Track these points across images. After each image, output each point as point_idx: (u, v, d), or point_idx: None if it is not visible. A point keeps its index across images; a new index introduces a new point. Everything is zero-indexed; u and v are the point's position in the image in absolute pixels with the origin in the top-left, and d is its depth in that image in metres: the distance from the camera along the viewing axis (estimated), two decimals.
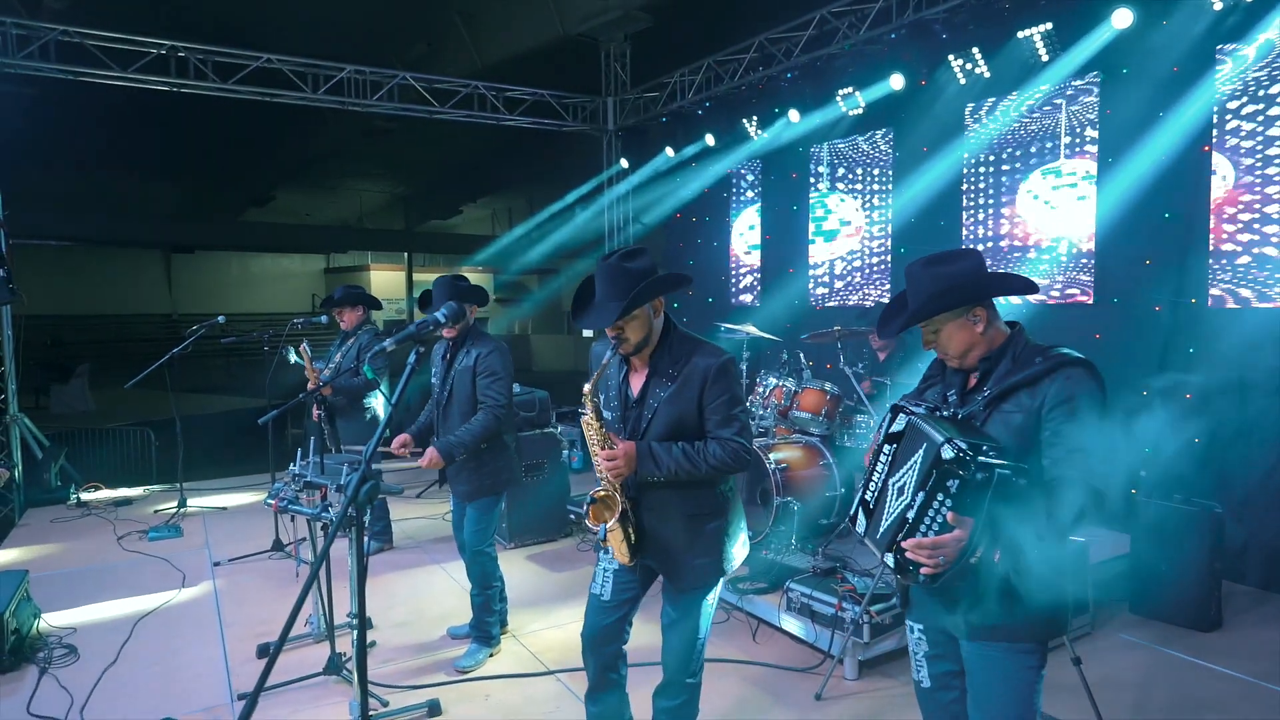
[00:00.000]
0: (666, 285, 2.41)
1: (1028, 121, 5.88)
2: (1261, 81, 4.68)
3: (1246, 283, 4.78)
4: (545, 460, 5.67)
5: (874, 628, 3.53)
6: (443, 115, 8.84)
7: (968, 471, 1.73)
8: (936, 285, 1.98)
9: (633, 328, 2.39)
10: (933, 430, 1.83)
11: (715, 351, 2.44)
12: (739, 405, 2.44)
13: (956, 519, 1.75)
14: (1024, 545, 1.77)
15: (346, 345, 5.30)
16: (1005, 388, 1.93)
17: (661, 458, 2.37)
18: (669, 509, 2.46)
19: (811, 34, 7.00)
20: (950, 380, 2.10)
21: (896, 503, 1.90)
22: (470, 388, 3.75)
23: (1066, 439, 1.84)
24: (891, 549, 1.87)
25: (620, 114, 9.67)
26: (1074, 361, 1.89)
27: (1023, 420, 1.90)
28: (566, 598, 4.76)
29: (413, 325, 1.82)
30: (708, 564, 2.48)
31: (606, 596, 2.57)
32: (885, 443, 2.00)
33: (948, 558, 1.77)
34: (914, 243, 6.76)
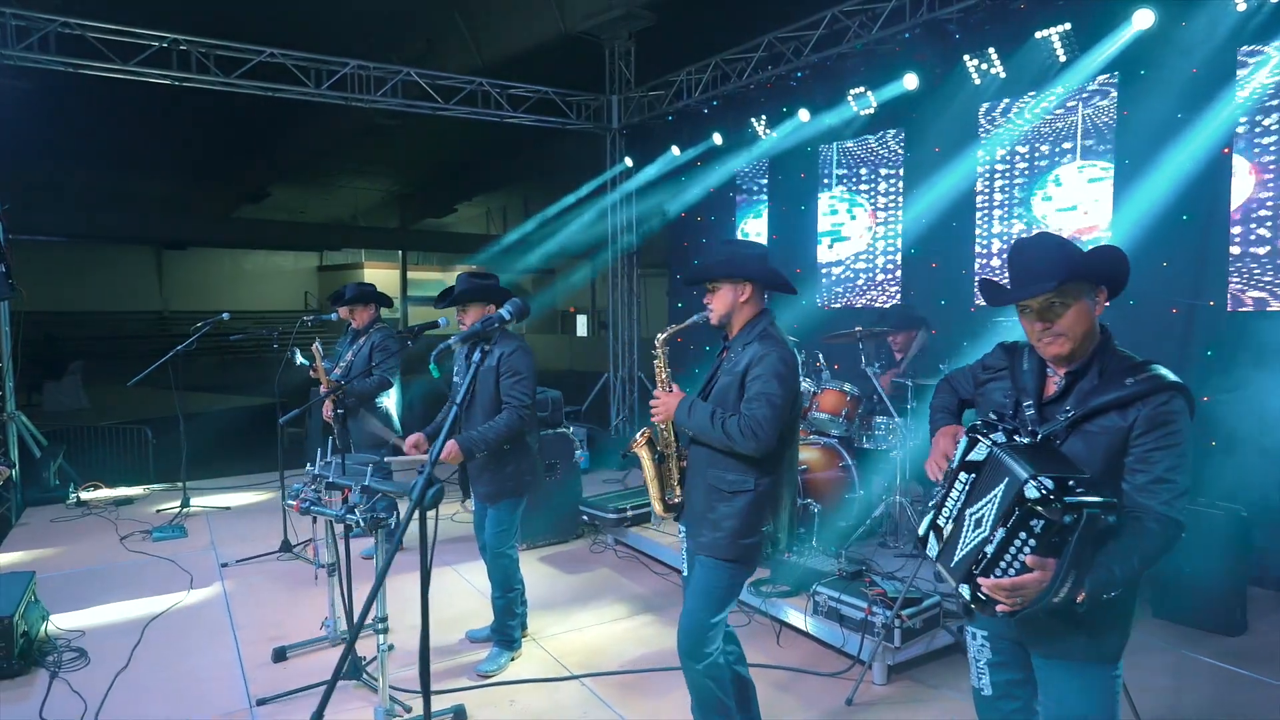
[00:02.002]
0: (741, 268, 2.60)
1: (1044, 123, 5.85)
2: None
3: (1264, 285, 4.77)
4: (559, 461, 5.61)
5: (905, 632, 3.49)
6: (446, 112, 8.75)
7: (1053, 512, 1.64)
8: (1079, 255, 1.87)
9: (717, 298, 2.65)
10: (1016, 465, 1.71)
11: (776, 344, 2.58)
12: (770, 390, 2.50)
13: (1038, 561, 1.67)
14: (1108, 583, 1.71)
15: (359, 344, 5.22)
16: (1093, 409, 1.81)
17: (695, 412, 2.58)
18: (699, 472, 2.66)
19: (822, 33, 6.95)
20: (1024, 384, 1.97)
21: (974, 535, 1.80)
22: (494, 388, 3.70)
23: (1154, 467, 1.76)
24: (968, 581, 1.80)
25: (625, 112, 9.60)
26: (1170, 386, 1.78)
27: (1108, 442, 1.80)
28: (584, 600, 4.71)
29: (479, 324, 1.78)
30: (711, 538, 2.60)
31: (687, 572, 2.86)
32: (962, 469, 1.88)
33: (1026, 599, 1.70)
34: (925, 244, 6.72)
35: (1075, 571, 1.68)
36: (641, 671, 3.77)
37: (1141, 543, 1.73)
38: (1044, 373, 1.97)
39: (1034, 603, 1.71)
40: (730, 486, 2.58)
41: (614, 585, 4.99)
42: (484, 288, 3.77)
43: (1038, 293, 1.83)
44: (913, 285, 6.93)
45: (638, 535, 5.45)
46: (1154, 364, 1.83)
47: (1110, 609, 1.81)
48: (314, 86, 7.88)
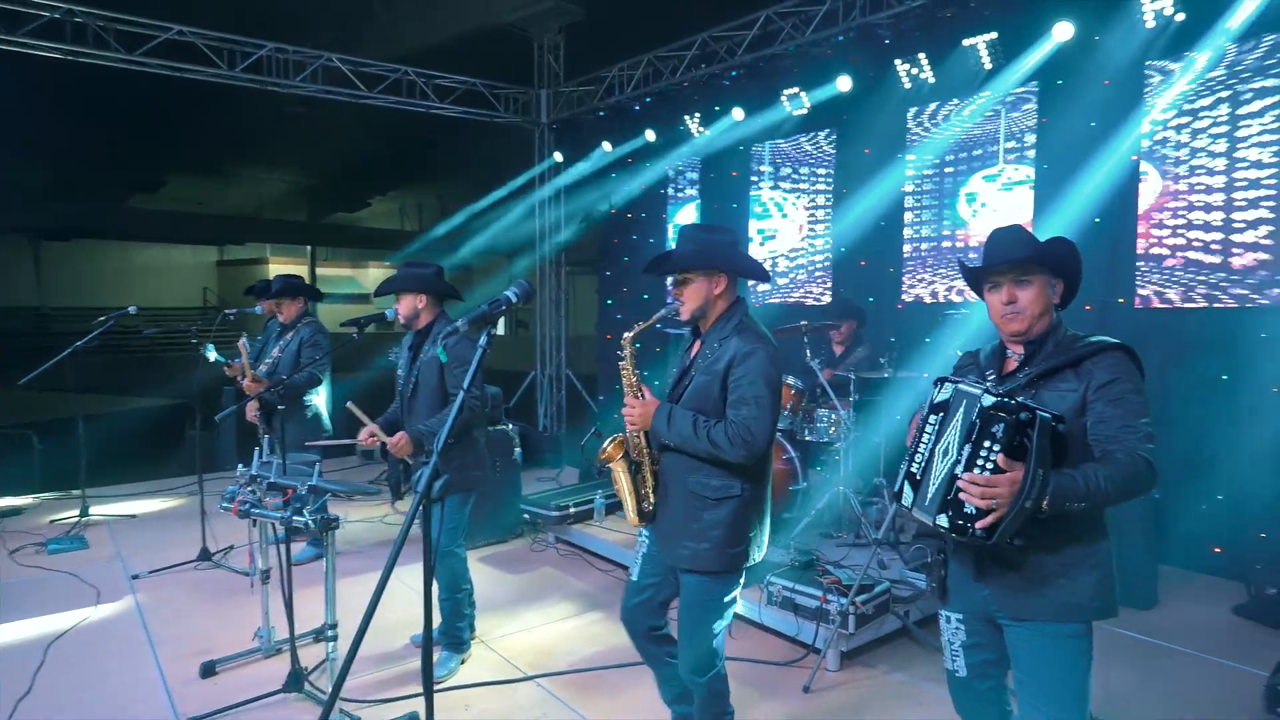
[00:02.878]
0: (720, 259, 2.45)
1: (970, 127, 6.11)
2: (1188, 96, 5.01)
3: (1172, 284, 5.12)
4: (499, 459, 5.47)
5: (859, 618, 3.56)
6: (370, 100, 8.43)
7: (1011, 414, 1.75)
8: (1043, 243, 2.03)
9: (689, 291, 2.48)
10: (972, 387, 1.89)
11: (756, 339, 2.43)
12: (758, 393, 2.36)
13: (1007, 462, 1.75)
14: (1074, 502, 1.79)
15: (286, 339, 4.95)
16: (1049, 367, 1.96)
17: (674, 421, 2.41)
18: (677, 480, 2.50)
19: (756, 34, 7.05)
20: (987, 364, 2.13)
21: (943, 464, 1.90)
22: (437, 379, 3.57)
23: (1115, 418, 1.87)
24: (944, 507, 1.85)
25: (555, 107, 9.49)
26: (1116, 346, 1.94)
27: (1071, 401, 1.92)
28: (530, 600, 4.60)
29: (485, 305, 1.68)
30: (694, 550, 2.43)
31: (634, 577, 2.66)
32: (931, 413, 2.00)
33: (1002, 499, 1.75)
34: (855, 243, 6.90)
35: (1043, 473, 1.75)
36: (596, 670, 3.71)
37: (1108, 466, 1.82)
38: (1004, 354, 2.13)
39: (1010, 508, 1.75)
40: (715, 493, 2.42)
41: (558, 583, 4.90)
42: (414, 276, 3.62)
43: (1014, 255, 1.99)
44: (842, 283, 7.11)
45: (580, 532, 5.38)
46: (1101, 335, 1.99)
47: (1074, 562, 1.90)
48: (227, 69, 7.44)
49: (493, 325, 1.68)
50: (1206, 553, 4.92)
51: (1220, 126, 4.89)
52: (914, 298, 6.56)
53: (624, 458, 2.52)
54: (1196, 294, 5.00)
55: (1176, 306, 5.09)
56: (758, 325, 2.50)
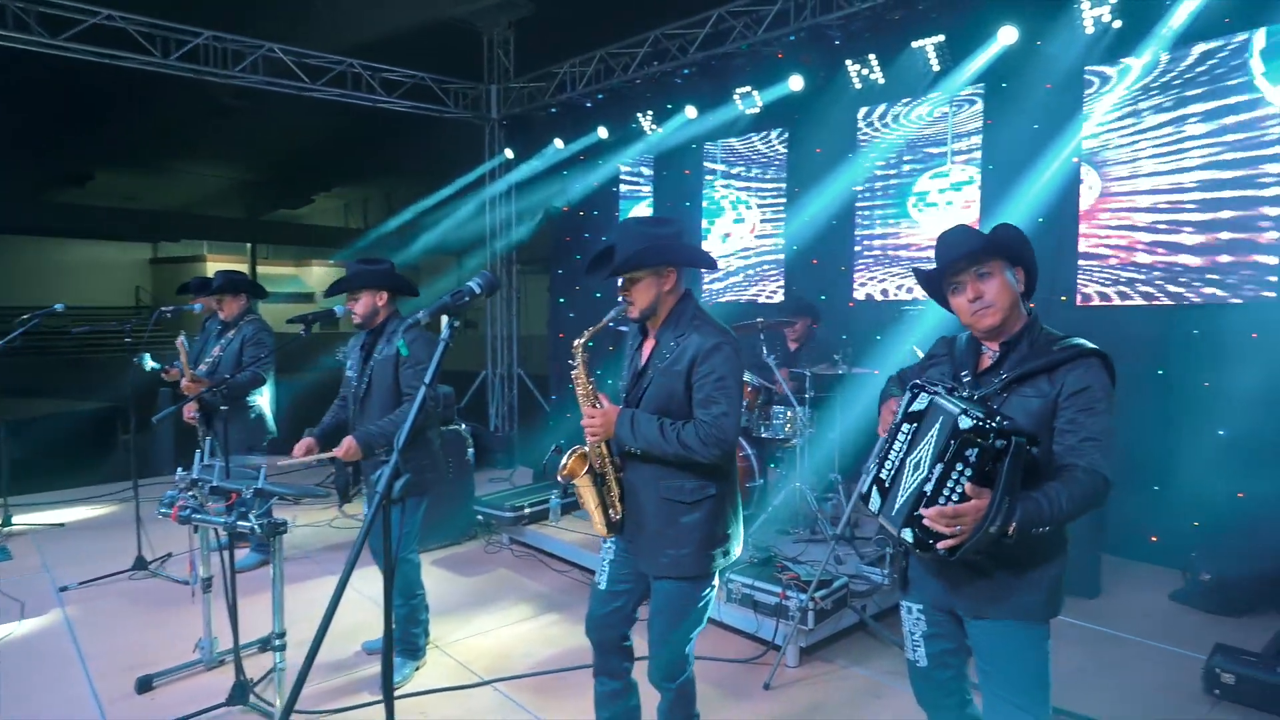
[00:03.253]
0: (670, 253, 2.34)
1: (919, 128, 6.22)
2: (1126, 101, 5.18)
3: (1112, 283, 5.29)
4: (451, 460, 5.36)
5: (817, 614, 3.57)
6: (313, 93, 8.19)
7: (986, 440, 1.74)
8: (991, 231, 2.02)
9: (638, 290, 2.37)
10: (950, 403, 1.84)
11: (716, 332, 2.35)
12: (726, 389, 2.30)
13: (975, 490, 1.74)
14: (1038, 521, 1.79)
15: (227, 338, 4.76)
16: (1024, 372, 1.94)
17: (640, 427, 2.32)
18: (648, 487, 2.41)
19: (708, 32, 7.07)
20: (961, 360, 2.10)
21: (913, 477, 1.88)
22: (392, 379, 3.46)
23: (1081, 428, 1.88)
24: (910, 523, 1.85)
25: (505, 103, 9.36)
26: (1092, 352, 1.93)
27: (1039, 406, 1.92)
28: (485, 603, 4.51)
29: (447, 296, 1.60)
30: (675, 556, 2.35)
31: (603, 585, 2.54)
32: (905, 421, 1.97)
33: (966, 527, 1.75)
34: (807, 241, 6.96)
35: (1009, 500, 1.75)
36: (555, 672, 3.65)
37: (1069, 486, 1.83)
38: (979, 350, 2.10)
39: (973, 534, 1.76)
40: (691, 496, 2.34)
41: (514, 585, 4.82)
42: (374, 273, 3.51)
43: (969, 249, 1.98)
44: (794, 281, 7.18)
45: (535, 533, 5.31)
46: (1077, 337, 1.99)
47: (1033, 560, 1.92)
48: (160, 57, 7.13)
49: (456, 318, 1.60)
50: (1144, 542, 5.10)
51: (1157, 131, 5.07)
52: (865, 296, 6.65)
53: (587, 471, 2.42)
54: (1135, 292, 5.18)
55: (1116, 305, 5.26)
56: (712, 318, 2.42)
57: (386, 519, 1.40)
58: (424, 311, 1.57)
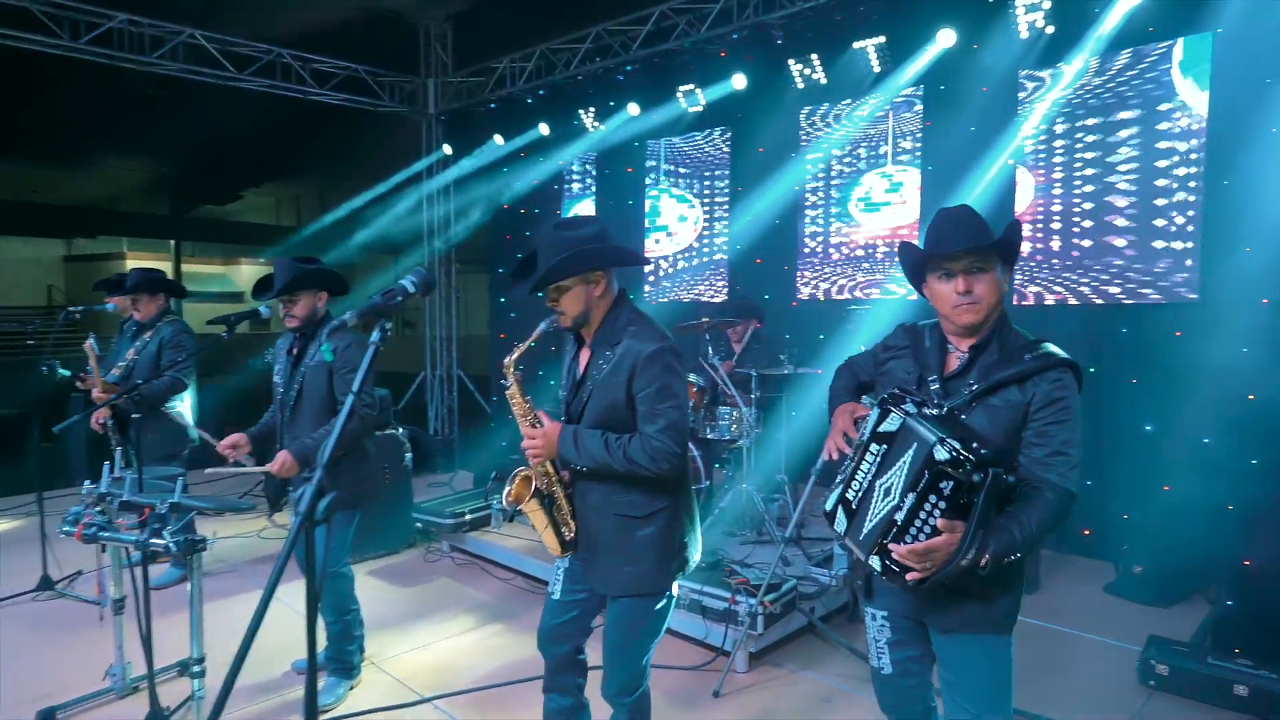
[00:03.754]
0: (596, 257, 2.20)
1: (860, 129, 6.26)
2: (1059, 104, 5.29)
3: (1047, 283, 5.40)
4: (389, 465, 5.16)
5: (767, 618, 3.53)
6: (239, 83, 7.82)
7: (961, 472, 1.67)
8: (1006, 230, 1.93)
9: (567, 300, 2.23)
10: (925, 430, 1.74)
11: (652, 336, 2.22)
12: (670, 399, 2.17)
13: (948, 524, 1.68)
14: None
15: (144, 340, 4.47)
16: (995, 382, 1.87)
17: (584, 444, 2.19)
18: (600, 504, 2.29)
19: (650, 29, 6.99)
20: (927, 361, 2.01)
21: (883, 504, 1.81)
22: (325, 385, 3.28)
23: (1051, 440, 1.83)
24: (878, 552, 1.79)
25: (442, 97, 9.12)
26: (1065, 363, 1.87)
27: (1009, 416, 1.86)
28: (425, 614, 4.34)
29: (377, 296, 1.46)
30: (633, 574, 2.24)
31: (556, 594, 2.42)
32: (874, 441, 1.88)
33: (936, 563, 1.71)
34: (751, 241, 6.96)
35: (982, 533, 1.71)
36: (500, 686, 3.52)
37: (1039, 509, 1.78)
38: (945, 349, 2.02)
39: (943, 567, 1.72)
40: (645, 509, 2.23)
41: (456, 595, 4.66)
42: (317, 273, 3.33)
43: (979, 242, 1.86)
44: (738, 280, 7.17)
45: (477, 540, 5.15)
46: (1047, 342, 1.93)
47: (1000, 580, 1.87)
48: (69, 39, 6.69)
49: (387, 320, 1.46)
50: (1077, 535, 5.23)
51: (1088, 135, 5.20)
52: (809, 295, 6.67)
53: (534, 495, 2.29)
54: (1069, 292, 5.30)
55: (1051, 304, 5.38)
56: (648, 320, 2.29)
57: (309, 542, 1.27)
58: (352, 313, 1.43)
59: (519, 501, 2.27)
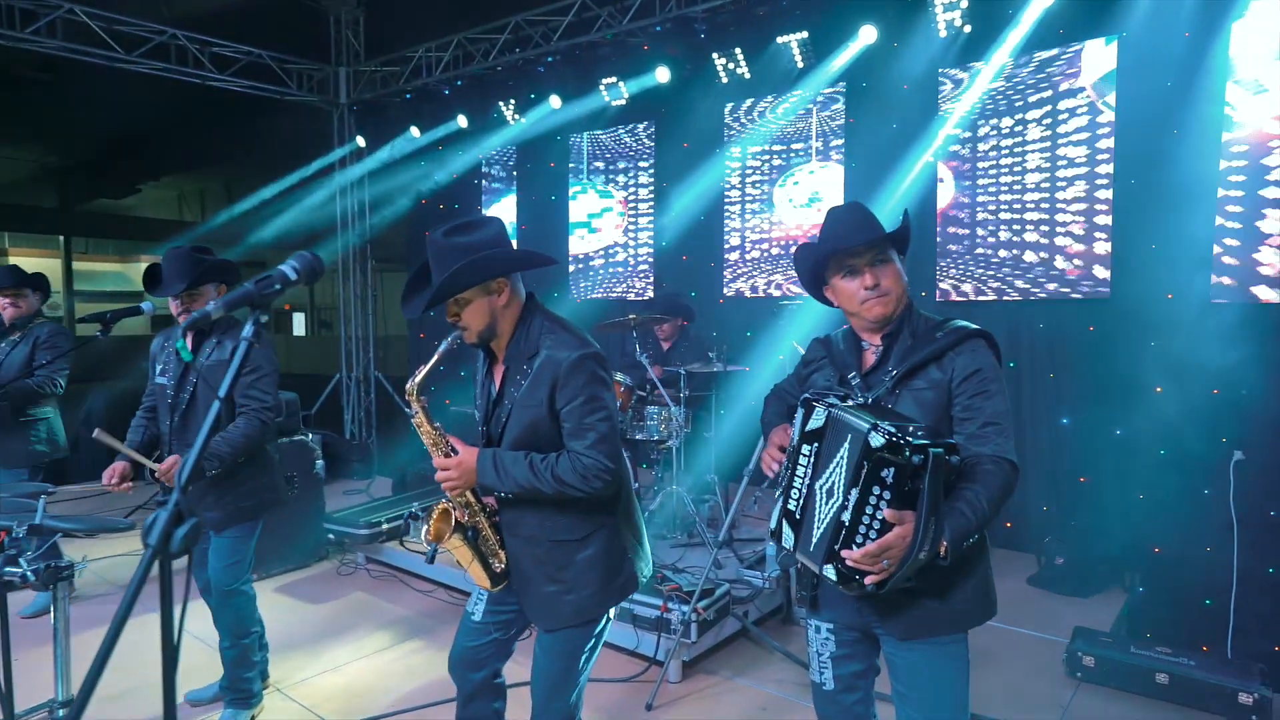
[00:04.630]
0: (494, 264, 1.99)
1: (784, 125, 6.24)
2: (977, 103, 5.37)
3: (967, 278, 5.48)
4: (297, 473, 4.82)
5: (700, 625, 3.41)
6: (127, 65, 7.26)
7: (901, 457, 1.58)
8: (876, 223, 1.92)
9: (470, 314, 2.02)
10: (856, 419, 1.66)
11: (572, 343, 2.02)
12: (598, 411, 1.99)
13: (896, 515, 1.59)
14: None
15: (11, 340, 4.04)
16: (913, 365, 1.84)
17: (507, 469, 1.99)
18: (532, 531, 2.09)
19: (571, 20, 6.82)
20: (844, 361, 1.97)
21: (827, 507, 1.71)
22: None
23: (979, 413, 1.80)
24: (831, 559, 1.68)
25: (355, 87, 8.71)
26: (976, 333, 1.86)
27: (934, 396, 1.83)
28: (337, 633, 4.06)
29: (250, 283, 1.24)
30: (574, 602, 2.05)
31: (478, 615, 2.22)
32: (804, 442, 1.80)
33: (893, 560, 1.61)
34: (677, 237, 6.87)
35: (935, 520, 1.62)
36: (417, 709, 3.29)
37: (985, 484, 1.72)
38: (859, 347, 1.99)
39: (901, 563, 1.62)
40: (581, 530, 2.05)
41: (371, 610, 4.38)
42: (220, 265, 3.05)
43: (876, 234, 1.86)
44: (665, 277, 7.06)
45: (395, 551, 4.87)
46: (955, 319, 1.91)
47: (959, 568, 1.78)
48: None
49: (264, 311, 1.24)
50: (999, 528, 5.32)
51: (1004, 134, 5.29)
52: (735, 292, 6.62)
53: (455, 530, 2.07)
54: (988, 287, 5.39)
55: (971, 299, 5.46)
56: (565, 324, 2.10)
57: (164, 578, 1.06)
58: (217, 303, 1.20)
59: (439, 540, 2.06)
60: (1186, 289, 4.72)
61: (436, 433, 2.07)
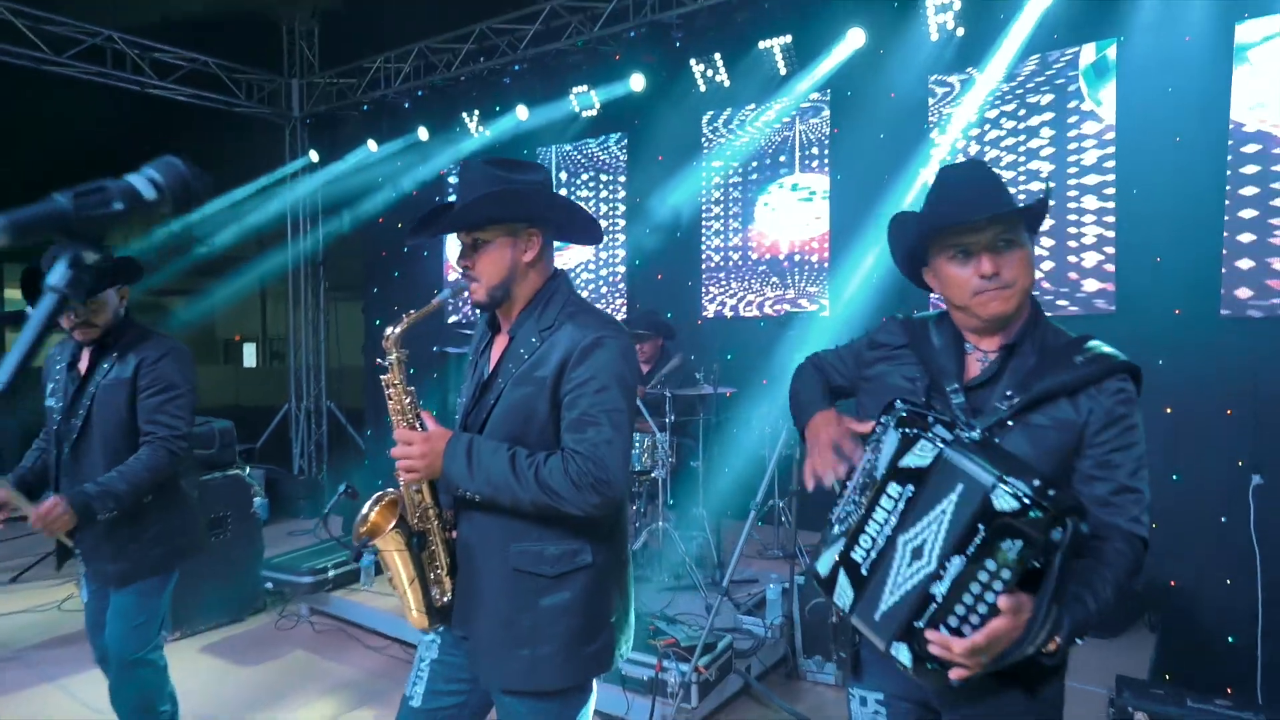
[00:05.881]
0: (533, 204, 1.64)
1: (765, 134, 5.92)
2: (972, 111, 5.10)
3: None
4: (230, 513, 4.25)
5: (702, 686, 2.94)
6: (58, 69, 6.70)
7: (1035, 529, 1.17)
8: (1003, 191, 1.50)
9: (485, 260, 1.64)
10: (976, 467, 1.23)
11: (600, 324, 1.62)
12: (612, 404, 1.57)
13: (1013, 603, 1.18)
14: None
15: None
16: (1041, 394, 1.39)
17: (480, 459, 1.56)
18: (490, 553, 1.64)
19: (539, 29, 6.47)
20: (940, 364, 1.51)
21: (912, 569, 1.29)
22: (125, 411, 2.47)
23: (1116, 473, 1.38)
24: (907, 638, 1.26)
25: (308, 99, 8.24)
26: (1126, 367, 1.42)
27: (1057, 439, 1.39)
28: (273, 700, 3.50)
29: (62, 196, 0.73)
30: (527, 659, 1.60)
31: (417, 700, 1.74)
32: (893, 479, 1.35)
33: (993, 655, 1.21)
34: (651, 254, 6.50)
35: (1055, 609, 1.21)
36: None
37: (1113, 568, 1.33)
38: (962, 349, 1.52)
39: (1000, 658, 1.22)
40: (554, 567, 1.60)
41: (314, 672, 3.81)
42: (122, 264, 2.54)
43: (1006, 207, 1.40)
44: (638, 297, 6.67)
45: (344, 601, 4.31)
46: (1095, 339, 1.47)
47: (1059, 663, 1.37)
48: None
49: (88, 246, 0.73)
50: None
51: (1003, 142, 5.02)
52: (714, 313, 6.24)
53: (397, 528, 1.62)
54: None
55: None
56: (595, 309, 1.71)
57: None
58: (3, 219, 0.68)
59: (375, 535, 1.61)
60: (1195, 303, 4.47)
61: (408, 397, 1.65)
